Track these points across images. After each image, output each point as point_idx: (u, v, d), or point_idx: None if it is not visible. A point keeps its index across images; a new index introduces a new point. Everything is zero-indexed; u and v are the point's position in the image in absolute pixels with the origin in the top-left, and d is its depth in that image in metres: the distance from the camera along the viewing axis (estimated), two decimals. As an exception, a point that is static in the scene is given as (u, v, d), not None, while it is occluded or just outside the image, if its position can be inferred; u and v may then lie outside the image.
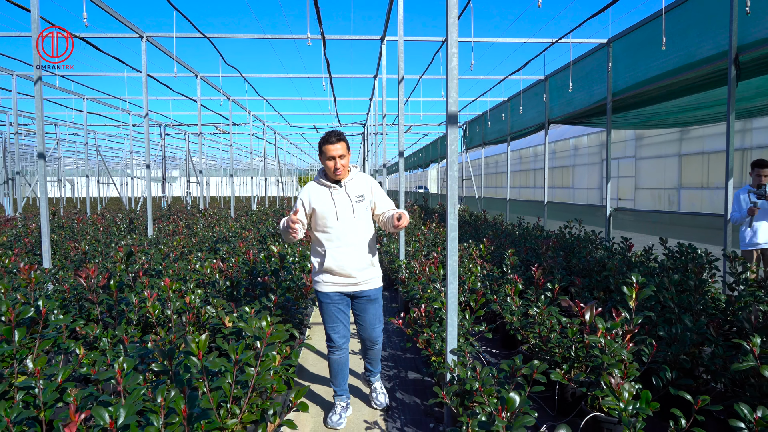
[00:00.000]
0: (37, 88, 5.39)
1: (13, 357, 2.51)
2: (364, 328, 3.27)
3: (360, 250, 3.12)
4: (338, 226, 3.08)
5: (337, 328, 3.17)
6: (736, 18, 5.74)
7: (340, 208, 3.09)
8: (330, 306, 3.16)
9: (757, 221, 5.09)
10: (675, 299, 3.52)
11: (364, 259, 3.14)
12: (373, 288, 3.21)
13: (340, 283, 3.13)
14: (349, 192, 3.14)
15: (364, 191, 3.17)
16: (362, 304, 3.22)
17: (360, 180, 3.21)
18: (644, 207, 17.31)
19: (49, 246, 5.33)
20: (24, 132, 11.82)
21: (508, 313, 3.75)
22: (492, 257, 6.14)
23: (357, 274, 3.12)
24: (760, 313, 2.85)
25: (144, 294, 3.68)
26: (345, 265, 3.08)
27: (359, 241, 3.12)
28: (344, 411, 3.25)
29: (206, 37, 8.16)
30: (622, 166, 19.33)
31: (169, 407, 1.84)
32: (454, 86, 2.81)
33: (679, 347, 2.88)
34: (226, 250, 6.54)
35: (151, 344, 2.92)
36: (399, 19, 5.93)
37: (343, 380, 3.28)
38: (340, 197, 3.11)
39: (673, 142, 16.56)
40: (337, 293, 3.16)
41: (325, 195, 3.12)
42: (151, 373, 2.54)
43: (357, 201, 3.13)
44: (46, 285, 4.41)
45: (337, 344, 3.19)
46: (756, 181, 5.11)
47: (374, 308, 3.24)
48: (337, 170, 3.06)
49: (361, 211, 3.14)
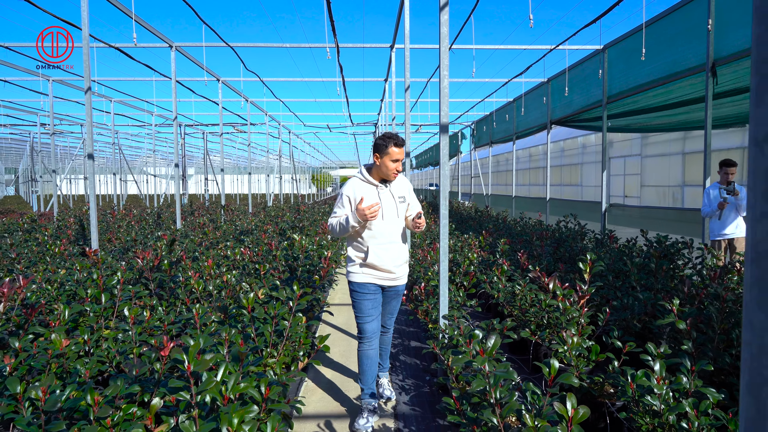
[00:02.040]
0: (87, 97, 6.15)
1: (100, 315, 3.24)
2: (382, 315, 3.39)
3: (400, 247, 3.29)
4: (383, 224, 3.19)
5: (370, 320, 3.22)
6: (713, 30, 6.32)
7: (386, 207, 3.21)
8: (366, 296, 3.22)
9: (725, 214, 5.68)
10: (636, 277, 4.17)
11: (402, 256, 3.31)
12: (403, 284, 3.38)
13: (380, 276, 3.24)
14: (393, 192, 3.28)
15: (405, 193, 3.35)
16: (388, 297, 3.36)
17: (401, 181, 3.38)
18: (650, 203, 17.76)
19: (97, 235, 6.10)
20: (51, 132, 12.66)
21: (496, 291, 4.42)
22: (490, 247, 6.79)
23: (395, 270, 3.26)
24: (692, 284, 3.48)
25: (188, 273, 4.41)
26: (387, 261, 3.20)
27: (400, 239, 3.29)
28: (371, 415, 3.15)
29: (230, 46, 8.89)
30: (629, 164, 19.75)
31: (231, 341, 2.55)
32: (446, 102, 3.49)
33: (629, 313, 3.53)
34: (250, 240, 7.28)
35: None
36: (406, 32, 6.60)
37: (371, 378, 3.23)
38: (386, 197, 3.24)
39: (677, 141, 17.00)
40: (374, 284, 3.24)
41: (373, 193, 3.23)
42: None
43: (400, 201, 3.29)
44: (106, 265, 5.15)
45: (368, 336, 3.22)
46: (724, 178, 5.70)
47: (397, 301, 3.43)
48: (396, 172, 3.23)
49: (403, 211, 3.32)
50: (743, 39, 5.97)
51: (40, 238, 7.70)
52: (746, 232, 0.68)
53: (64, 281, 4.21)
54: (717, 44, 6.36)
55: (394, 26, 7.42)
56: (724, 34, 6.25)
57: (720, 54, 6.30)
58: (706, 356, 2.78)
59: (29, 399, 1.81)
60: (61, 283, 4.11)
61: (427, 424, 3.13)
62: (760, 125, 0.66)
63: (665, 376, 2.24)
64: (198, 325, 2.77)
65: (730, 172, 5.67)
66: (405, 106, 7.20)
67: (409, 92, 6.99)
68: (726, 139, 12.18)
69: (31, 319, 3.16)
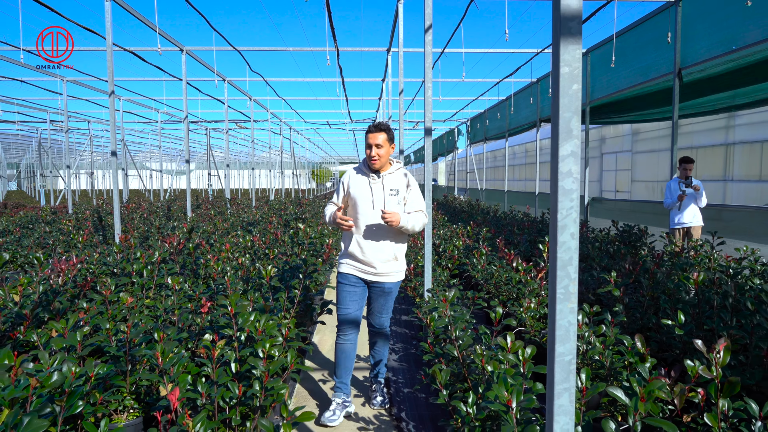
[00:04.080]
0: (111, 100, 6.80)
1: (142, 286, 3.92)
2: (370, 313, 3.31)
3: (384, 242, 3.15)
4: (368, 214, 3.14)
5: (347, 311, 3.15)
6: (679, 39, 6.99)
7: (374, 198, 3.15)
8: (345, 287, 3.18)
9: (684, 205, 6.36)
10: (597, 260, 4.85)
11: (387, 252, 3.16)
12: (390, 282, 3.21)
13: (360, 269, 3.18)
14: (385, 184, 3.18)
15: (399, 186, 3.21)
16: (374, 294, 3.24)
17: (399, 175, 3.26)
18: (640, 198, 18.44)
19: (120, 225, 6.78)
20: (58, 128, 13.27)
21: (475, 272, 5.10)
22: (476, 236, 7.48)
23: (378, 264, 3.15)
24: (633, 262, 4.16)
25: (207, 257, 5.07)
26: (369, 253, 3.13)
27: (385, 233, 3.15)
28: (340, 408, 3.11)
29: (237, 50, 9.53)
30: (620, 160, 20.39)
31: (254, 301, 3.22)
32: (429, 110, 4.15)
33: (584, 287, 4.21)
34: (257, 230, 7.95)
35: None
36: (400, 41, 7.24)
37: (345, 373, 3.17)
38: (375, 187, 3.17)
39: (666, 138, 17.64)
40: (354, 276, 3.19)
41: (363, 183, 3.20)
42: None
43: (390, 194, 3.16)
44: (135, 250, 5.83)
45: (344, 328, 3.16)
46: (683, 173, 6.36)
47: (384, 300, 3.24)
48: (372, 158, 3.13)
49: (393, 204, 3.15)
50: (706, 49, 6.62)
51: (64, 228, 8.38)
52: (552, 208, 1.34)
53: (100, 263, 4.88)
54: (683, 52, 7.02)
55: (391, 25, 8.07)
56: (690, 44, 6.91)
57: (686, 62, 6.96)
58: (635, 316, 3.46)
59: (116, 332, 2.49)
60: (102, 264, 4.78)
61: (411, 374, 3.81)
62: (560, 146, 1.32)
63: (590, 325, 2.91)
64: (229, 289, 3.44)
65: (688, 168, 6.33)
66: (399, 106, 7.86)
67: (403, 95, 7.64)
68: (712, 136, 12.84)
69: (85, 289, 3.84)
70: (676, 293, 3.36)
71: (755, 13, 5.66)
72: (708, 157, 14.55)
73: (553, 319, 1.36)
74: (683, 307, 3.11)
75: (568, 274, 1.34)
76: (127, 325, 2.46)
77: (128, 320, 3.05)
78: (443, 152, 25.77)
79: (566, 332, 1.35)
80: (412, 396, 3.45)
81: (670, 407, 2.22)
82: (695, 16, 6.82)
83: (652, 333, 3.34)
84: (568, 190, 1.32)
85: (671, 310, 3.20)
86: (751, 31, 5.75)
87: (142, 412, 2.52)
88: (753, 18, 5.73)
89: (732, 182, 12.76)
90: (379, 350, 3.39)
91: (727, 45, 6.23)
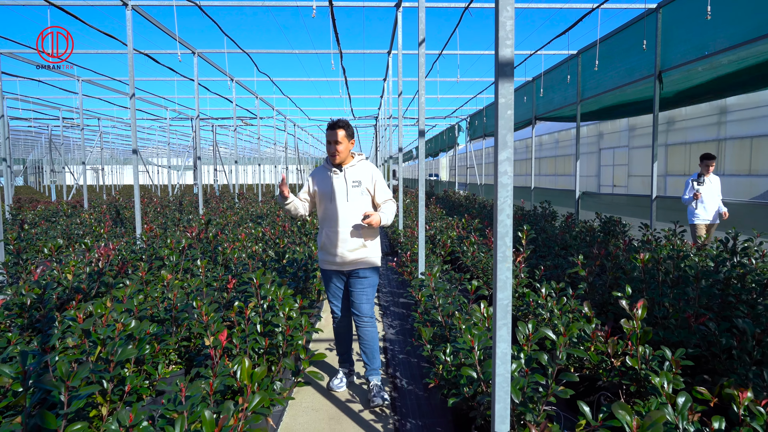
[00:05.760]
0: (132, 102, 7.36)
1: (173, 267, 4.50)
2: (352, 303, 3.40)
3: (351, 231, 3.28)
4: (332, 207, 3.30)
5: (335, 302, 3.47)
6: (659, 44, 7.51)
7: (335, 191, 3.30)
8: (328, 282, 3.47)
9: (707, 202, 6.47)
10: (576, 248, 5.41)
11: (354, 241, 3.28)
12: (362, 268, 3.33)
13: (332, 261, 3.35)
14: (347, 177, 3.32)
15: (362, 178, 3.33)
16: (352, 281, 3.37)
17: (361, 168, 3.38)
18: (636, 192, 18.95)
19: (140, 218, 7.36)
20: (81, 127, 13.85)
21: (465, 258, 5.67)
22: (469, 227, 8.05)
23: (347, 254, 3.29)
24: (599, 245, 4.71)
25: (224, 245, 5.65)
26: (337, 243, 3.28)
27: (351, 223, 3.28)
28: (345, 377, 3.60)
29: (246, 52, 10.09)
30: (617, 155, 20.88)
31: (273, 279, 3.80)
32: (423, 114, 4.71)
33: (559, 271, 4.78)
34: (266, 222, 8.53)
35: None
36: (399, 44, 7.79)
37: (345, 349, 3.60)
38: (338, 181, 3.32)
39: (661, 133, 18.15)
40: (331, 271, 3.40)
41: (326, 177, 3.37)
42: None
43: (353, 186, 3.30)
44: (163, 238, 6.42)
45: (336, 315, 3.50)
46: (704, 170, 6.50)
47: (362, 286, 3.33)
48: (332, 154, 3.30)
49: (356, 195, 3.29)
50: (682, 54, 7.15)
51: (86, 221, 8.98)
52: (496, 197, 1.90)
53: (128, 250, 5.46)
54: (663, 56, 7.55)
55: (391, 27, 8.62)
56: (669, 48, 7.44)
57: (665, 65, 7.49)
58: (598, 293, 4.03)
59: (164, 299, 3.07)
60: (130, 251, 5.36)
61: (406, 344, 4.39)
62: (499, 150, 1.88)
63: (554, 297, 3.48)
64: (250, 268, 4.02)
65: (710, 164, 6.45)
66: (399, 106, 8.41)
67: (402, 95, 8.19)
68: (705, 132, 13.34)
69: (122, 271, 4.43)
70: (631, 272, 3.92)
71: (722, 23, 6.19)
72: (701, 151, 15.07)
73: (495, 274, 1.92)
74: (632, 282, 3.67)
75: (505, 243, 1.90)
76: (173, 293, 3.04)
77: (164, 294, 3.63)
78: (444, 148, 26.31)
79: (504, 284, 1.92)
80: (406, 360, 4.03)
81: (606, 357, 2.79)
82: (673, 24, 7.35)
83: (611, 306, 3.91)
84: (504, 184, 1.88)
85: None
86: (720, 39, 6.28)
87: (184, 366, 3.10)
88: (721, 27, 6.26)
89: (723, 177, 13.32)
90: (368, 345, 3.37)
91: (700, 50, 6.76)
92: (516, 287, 4.24)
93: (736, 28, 6.06)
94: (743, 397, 1.84)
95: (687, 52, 7.04)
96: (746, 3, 5.93)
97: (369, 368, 3.41)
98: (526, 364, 2.23)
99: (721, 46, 6.21)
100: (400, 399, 3.35)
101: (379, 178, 3.38)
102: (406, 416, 3.11)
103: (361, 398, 3.37)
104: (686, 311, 3.06)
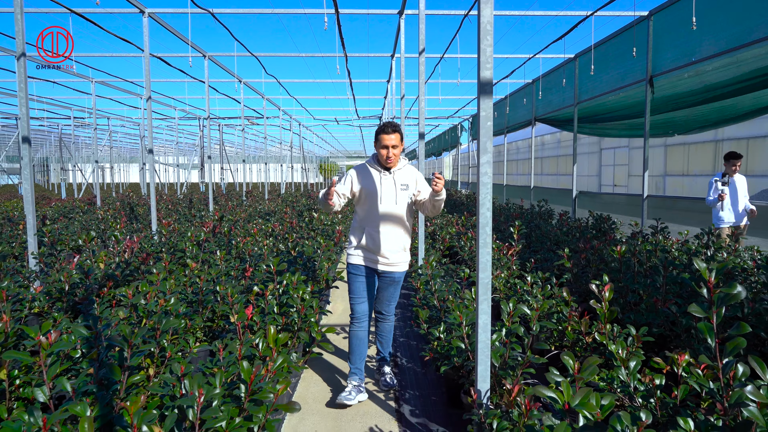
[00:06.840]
0: (148, 104, 7.78)
1: (193, 258, 4.91)
2: (378, 301, 3.48)
3: (395, 233, 3.34)
4: (380, 208, 3.30)
5: (360, 301, 3.35)
6: (651, 50, 7.88)
7: (384, 193, 3.31)
8: (358, 278, 3.36)
9: (732, 204, 6.09)
10: (566, 242, 5.79)
11: (397, 243, 3.35)
12: (398, 271, 3.42)
13: (372, 259, 3.35)
14: (396, 180, 3.35)
15: (409, 181, 3.38)
16: (384, 283, 3.42)
17: (407, 171, 3.43)
18: (636, 192, 19.29)
19: (156, 215, 7.78)
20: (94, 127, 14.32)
21: (462, 252, 6.06)
22: (468, 224, 8.44)
23: (389, 255, 3.33)
24: (584, 240, 5.10)
25: (238, 239, 6.06)
26: (381, 245, 3.30)
27: (396, 226, 3.34)
28: (355, 390, 3.26)
29: (255, 56, 10.50)
30: (618, 155, 21.23)
31: (285, 267, 4.20)
32: (423, 118, 5.10)
33: (549, 263, 5.17)
34: (275, 219, 8.94)
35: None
36: (401, 48, 8.16)
37: (359, 359, 3.35)
38: (387, 183, 3.33)
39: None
40: (366, 267, 3.37)
41: (375, 178, 3.35)
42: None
43: (401, 189, 3.34)
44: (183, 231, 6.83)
45: (358, 317, 3.35)
46: (728, 169, 6.14)
47: (393, 288, 3.44)
48: (388, 158, 3.29)
49: (403, 198, 3.35)
50: (672, 60, 7.51)
51: (102, 216, 9.41)
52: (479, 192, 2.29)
53: (147, 243, 5.87)
54: (654, 61, 7.92)
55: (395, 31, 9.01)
56: (659, 54, 7.80)
57: (656, 70, 7.86)
58: (582, 282, 4.41)
59: (191, 284, 3.48)
60: (150, 244, 5.77)
61: (405, 328, 4.79)
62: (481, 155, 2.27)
63: (539, 285, 3.87)
64: (266, 258, 4.42)
65: (736, 164, 6.06)
66: (401, 108, 8.79)
67: (405, 97, 8.58)
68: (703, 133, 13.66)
69: (146, 262, 4.84)
70: (609, 263, 4.31)
71: (708, 31, 6.56)
72: (699, 152, 15.41)
73: (477, 257, 2.31)
74: (610, 272, 4.06)
75: (486, 231, 2.29)
76: (200, 278, 3.45)
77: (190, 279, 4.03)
78: (447, 147, 26.68)
79: (485, 265, 2.31)
80: (406, 343, 4.43)
81: (580, 336, 3.18)
82: (663, 31, 7.71)
83: (592, 295, 4.29)
84: (485, 183, 2.27)
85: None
86: (705, 46, 6.65)
87: (209, 343, 3.51)
88: (707, 35, 6.62)
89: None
90: (385, 335, 3.57)
91: (688, 57, 7.12)
92: (508, 278, 4.63)
93: (721, 35, 6.42)
94: (681, 359, 2.23)
95: (676, 58, 7.40)
96: (728, 14, 6.30)
97: (382, 354, 3.59)
98: (507, 335, 2.62)
99: (707, 53, 6.57)
100: (401, 374, 3.76)
101: (422, 180, 3.49)
102: (405, 388, 3.51)
103: (367, 373, 3.77)
104: (654, 297, 3.44)
